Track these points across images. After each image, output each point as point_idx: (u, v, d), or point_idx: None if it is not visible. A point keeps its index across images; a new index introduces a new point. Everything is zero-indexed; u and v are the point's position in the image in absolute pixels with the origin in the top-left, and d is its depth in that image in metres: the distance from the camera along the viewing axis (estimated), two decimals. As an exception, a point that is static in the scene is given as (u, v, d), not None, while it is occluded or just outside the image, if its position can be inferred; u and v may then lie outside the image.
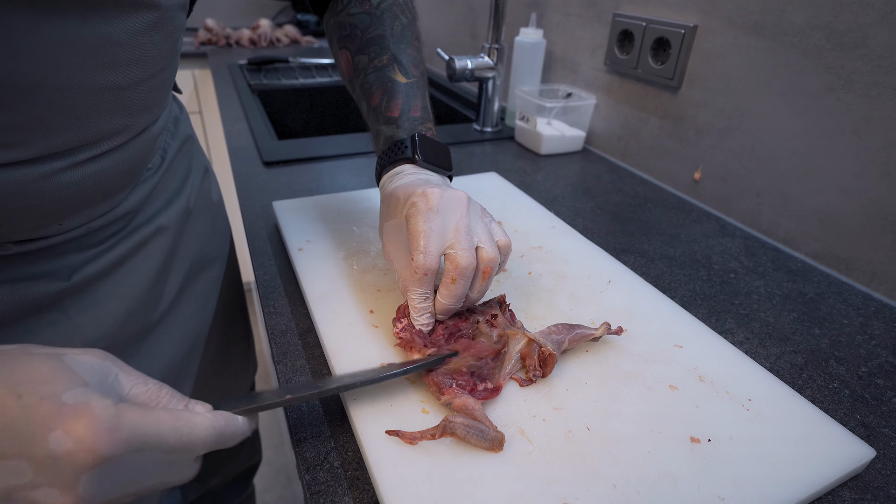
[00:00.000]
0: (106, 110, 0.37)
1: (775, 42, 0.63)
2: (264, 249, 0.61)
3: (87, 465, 0.24)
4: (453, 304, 0.42)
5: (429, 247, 0.40)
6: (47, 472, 0.24)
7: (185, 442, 0.28)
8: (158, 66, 0.40)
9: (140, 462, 0.26)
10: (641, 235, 0.68)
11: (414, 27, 0.55)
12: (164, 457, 0.28)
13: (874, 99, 0.55)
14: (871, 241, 0.58)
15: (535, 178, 0.83)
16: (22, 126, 0.33)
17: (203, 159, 0.63)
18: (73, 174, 0.37)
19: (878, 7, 0.53)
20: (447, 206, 0.42)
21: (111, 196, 0.43)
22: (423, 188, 0.43)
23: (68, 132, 0.35)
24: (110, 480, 0.25)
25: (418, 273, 0.40)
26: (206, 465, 0.33)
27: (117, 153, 0.40)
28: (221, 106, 1.15)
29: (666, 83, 0.79)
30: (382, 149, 0.51)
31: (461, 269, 0.40)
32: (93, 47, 0.34)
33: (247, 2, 2.12)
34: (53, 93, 0.33)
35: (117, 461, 0.25)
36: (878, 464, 0.39)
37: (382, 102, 0.51)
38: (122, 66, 0.36)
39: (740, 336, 0.51)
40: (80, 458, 0.24)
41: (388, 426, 0.37)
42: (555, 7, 1.00)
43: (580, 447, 0.36)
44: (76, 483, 0.24)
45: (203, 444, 0.29)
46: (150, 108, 0.42)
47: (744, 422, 0.39)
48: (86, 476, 0.24)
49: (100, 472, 0.25)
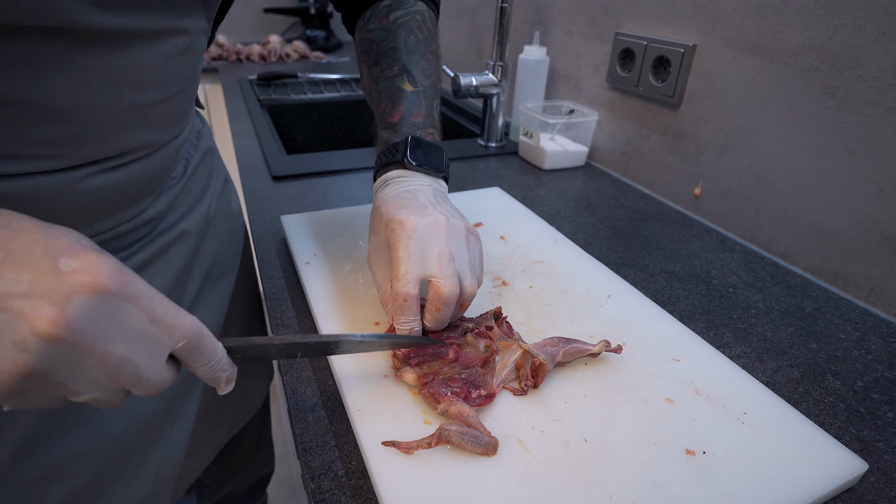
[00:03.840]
0: (132, 126, 0.39)
1: (772, 62, 0.65)
2: (272, 263, 0.62)
3: (84, 287, 0.25)
4: (440, 327, 0.45)
5: (408, 275, 0.41)
6: (45, 285, 0.25)
7: (170, 319, 0.29)
8: (181, 86, 0.42)
9: (126, 320, 0.27)
10: (642, 250, 0.69)
11: (430, 43, 0.56)
12: (147, 327, 0.28)
13: (868, 118, 0.56)
14: (867, 257, 0.59)
15: (538, 192, 0.85)
16: (56, 141, 0.35)
17: (223, 170, 0.65)
18: (101, 179, 0.39)
19: (871, 29, 0.55)
20: (425, 233, 0.42)
21: (137, 202, 0.45)
22: (403, 213, 0.44)
23: (98, 145, 0.38)
24: (96, 319, 0.26)
25: (398, 300, 0.42)
26: (220, 471, 0.34)
27: (142, 162, 0.43)
28: (231, 120, 1.17)
29: (666, 100, 0.81)
30: (378, 152, 0.53)
31: (444, 299, 0.42)
32: (124, 71, 0.36)
33: (257, 18, 2.17)
34: (85, 111, 0.35)
35: (109, 301, 0.26)
36: (872, 477, 0.40)
37: (387, 109, 0.53)
38: (149, 87, 0.39)
39: (738, 350, 0.52)
40: (79, 279, 0.25)
41: (391, 437, 0.38)
42: (558, 25, 1.02)
43: (578, 458, 0.37)
44: (67, 301, 0.25)
45: (184, 333, 0.30)
46: (173, 123, 0.45)
47: (739, 435, 0.40)
48: (78, 297, 0.25)
49: (91, 301, 0.26)
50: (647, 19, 0.82)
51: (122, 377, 0.28)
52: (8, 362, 0.25)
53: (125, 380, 0.28)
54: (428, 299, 0.43)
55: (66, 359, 0.26)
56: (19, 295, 0.25)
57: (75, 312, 0.25)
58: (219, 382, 0.34)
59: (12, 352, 0.24)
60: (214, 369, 0.33)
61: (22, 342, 0.24)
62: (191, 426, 0.55)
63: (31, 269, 0.25)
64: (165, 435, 0.52)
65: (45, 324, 0.24)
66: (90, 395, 0.28)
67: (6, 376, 0.25)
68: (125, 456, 0.47)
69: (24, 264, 0.25)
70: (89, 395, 0.28)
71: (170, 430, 0.52)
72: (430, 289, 0.42)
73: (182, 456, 0.55)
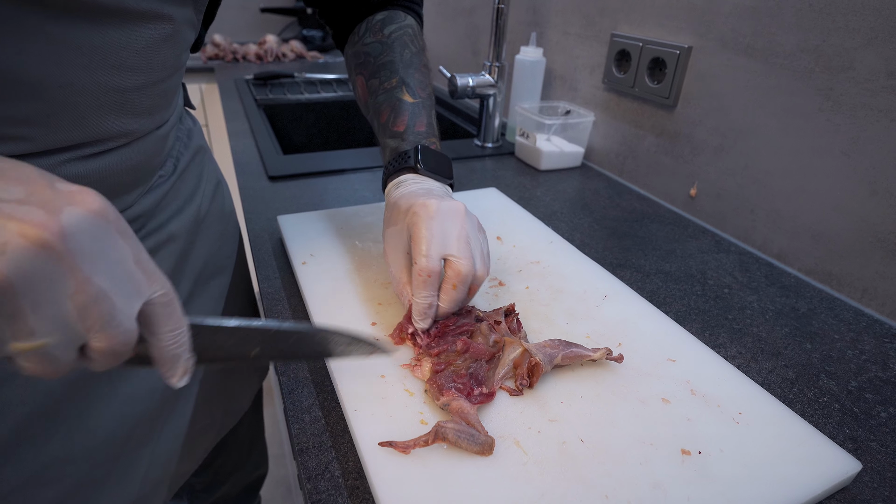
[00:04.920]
0: (109, 110, 0.39)
1: (767, 64, 0.65)
2: (269, 263, 0.62)
3: (82, 203, 0.25)
4: (453, 308, 0.46)
5: (430, 251, 0.44)
6: (40, 196, 0.24)
7: (152, 267, 0.28)
8: (162, 75, 0.42)
9: (114, 252, 0.26)
10: (638, 251, 0.69)
11: (422, 56, 0.60)
12: (132, 266, 0.27)
13: (861, 120, 0.57)
14: (861, 258, 0.59)
15: (534, 193, 0.85)
16: (28, 120, 0.34)
17: (216, 171, 0.65)
18: (78, 167, 0.38)
19: (864, 32, 0.55)
20: (446, 215, 0.45)
21: (118, 195, 0.44)
22: (423, 198, 0.46)
23: (72, 129, 0.37)
24: (89, 239, 0.25)
25: (422, 275, 0.44)
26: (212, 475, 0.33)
27: (121, 151, 0.42)
28: (228, 120, 1.17)
29: (662, 102, 0.81)
30: (388, 159, 0.55)
31: (462, 277, 0.44)
32: (100, 50, 0.35)
33: (254, 18, 2.16)
34: (57, 90, 0.34)
35: (103, 227, 0.25)
36: (866, 477, 0.40)
37: (390, 119, 0.56)
38: (128, 71, 0.38)
39: (733, 350, 0.52)
40: (77, 197, 0.25)
41: (388, 437, 0.38)
42: (555, 26, 1.03)
43: (574, 458, 0.37)
44: (62, 212, 0.24)
45: (162, 284, 0.29)
46: (153, 113, 0.44)
47: (734, 435, 0.40)
48: (75, 210, 0.24)
49: (87, 219, 0.25)
50: (643, 21, 0.83)
51: (93, 314, 0.25)
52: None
53: (95, 318, 0.25)
54: (445, 279, 0.45)
55: (45, 275, 0.23)
56: (10, 201, 0.23)
57: (70, 223, 0.24)
58: (176, 363, 0.30)
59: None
60: (178, 341, 0.30)
61: (3, 244, 0.22)
62: (180, 430, 0.55)
63: (25, 183, 0.24)
64: (154, 439, 0.51)
65: (37, 228, 0.22)
66: (42, 340, 0.24)
67: None
68: (112, 460, 0.47)
69: (17, 179, 0.24)
70: (43, 338, 0.24)
71: (158, 433, 0.52)
72: (447, 268, 0.45)
73: (171, 460, 0.55)
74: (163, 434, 0.52)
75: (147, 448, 0.51)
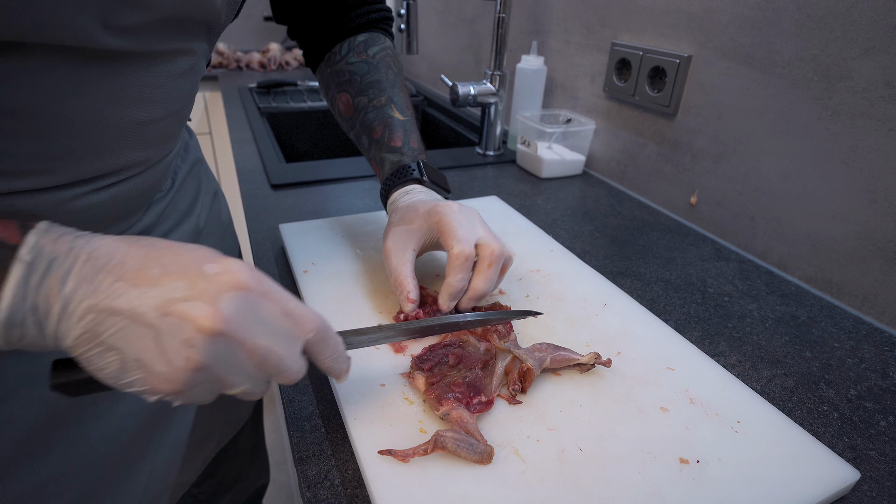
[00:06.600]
0: (128, 143, 0.40)
1: (766, 73, 0.66)
2: (270, 271, 0.63)
3: (229, 285, 0.29)
4: (489, 288, 0.49)
5: (466, 236, 0.49)
6: (198, 288, 0.29)
7: (300, 312, 0.33)
8: (178, 105, 0.43)
9: (265, 314, 0.31)
10: (638, 259, 0.69)
11: (402, 77, 0.64)
12: (282, 319, 0.32)
13: (860, 129, 0.57)
14: (861, 266, 0.60)
15: (535, 201, 0.85)
16: (53, 156, 0.35)
17: (212, 182, 0.66)
18: (93, 198, 0.39)
19: (861, 42, 0.55)
20: (468, 212, 0.52)
21: (125, 218, 0.45)
22: (443, 202, 0.52)
23: (93, 162, 0.38)
24: (243, 314, 0.30)
25: (459, 259, 0.48)
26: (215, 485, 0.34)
27: (133, 181, 0.43)
28: (231, 128, 1.18)
29: (662, 110, 0.81)
30: (389, 173, 0.58)
31: (496, 255, 0.49)
32: (127, 87, 0.36)
33: (257, 26, 2.18)
34: (84, 127, 0.36)
35: (250, 297, 0.30)
36: (864, 486, 0.40)
37: (385, 135, 0.58)
38: (147, 104, 0.39)
39: (733, 359, 0.52)
40: (224, 279, 0.30)
41: (387, 445, 0.38)
42: (556, 35, 1.03)
43: (572, 467, 0.37)
44: (218, 299, 0.29)
45: (313, 325, 0.34)
46: (166, 142, 0.45)
47: (732, 444, 0.40)
48: (227, 295, 0.29)
49: (237, 298, 0.29)
50: (643, 30, 0.83)
51: (267, 367, 0.31)
52: (182, 359, 0.28)
53: (270, 369, 0.31)
54: (479, 260, 0.49)
55: (224, 351, 0.29)
56: (179, 300, 0.28)
57: (226, 308, 0.29)
58: (340, 373, 0.37)
59: (184, 349, 0.28)
60: (338, 360, 0.36)
61: (190, 339, 0.28)
62: (179, 440, 0.55)
63: (183, 276, 0.29)
64: (153, 450, 0.51)
65: (207, 320, 0.28)
66: (242, 388, 0.31)
67: (182, 373, 0.28)
68: (113, 472, 0.47)
69: (177, 273, 0.29)
70: (241, 387, 0.31)
71: (158, 444, 0.52)
72: (480, 251, 0.49)
73: (171, 470, 0.55)
74: (162, 444, 0.52)
75: (147, 459, 0.51)
